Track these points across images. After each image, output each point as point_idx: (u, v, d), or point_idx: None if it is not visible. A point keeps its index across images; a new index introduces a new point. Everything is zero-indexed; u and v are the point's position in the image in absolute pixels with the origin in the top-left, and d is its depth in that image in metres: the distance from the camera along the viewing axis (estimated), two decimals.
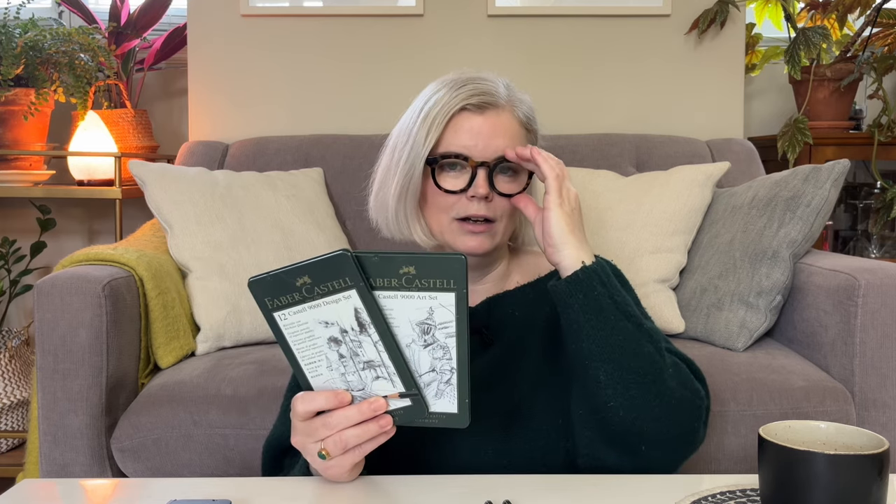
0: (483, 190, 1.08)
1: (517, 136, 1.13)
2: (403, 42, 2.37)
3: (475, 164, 1.09)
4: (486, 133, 1.10)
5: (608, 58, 2.37)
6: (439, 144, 1.11)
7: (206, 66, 2.36)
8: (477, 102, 1.11)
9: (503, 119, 1.12)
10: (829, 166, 1.66)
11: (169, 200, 1.79)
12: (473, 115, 1.11)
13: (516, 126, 1.13)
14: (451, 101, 1.10)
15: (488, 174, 1.09)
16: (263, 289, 0.82)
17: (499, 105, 1.12)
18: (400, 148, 1.14)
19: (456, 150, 1.10)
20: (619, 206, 1.87)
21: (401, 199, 1.14)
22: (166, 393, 1.49)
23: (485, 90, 1.12)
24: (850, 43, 2.40)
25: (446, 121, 1.10)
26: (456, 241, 1.11)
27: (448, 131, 1.11)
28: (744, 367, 1.54)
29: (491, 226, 1.11)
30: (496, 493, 0.88)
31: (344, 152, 2.15)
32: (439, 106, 1.11)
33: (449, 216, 1.11)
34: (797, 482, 0.75)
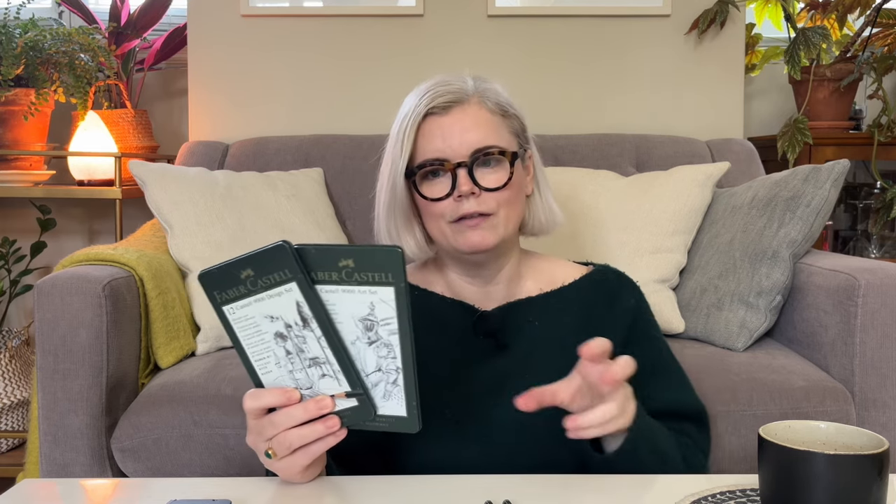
0: (466, 187, 1.08)
1: (490, 125, 1.12)
2: (403, 42, 2.37)
3: (452, 167, 1.09)
4: (455, 131, 1.10)
5: (608, 58, 2.37)
6: (415, 155, 1.11)
7: (206, 66, 2.37)
8: (441, 104, 1.10)
9: (470, 113, 1.11)
10: (829, 166, 1.66)
11: (169, 200, 1.79)
12: (440, 117, 1.11)
13: (486, 115, 1.12)
14: (415, 109, 1.11)
15: (468, 171, 1.09)
16: (212, 282, 0.80)
17: (464, 100, 1.12)
18: (384, 167, 1.15)
19: (431, 157, 1.10)
20: (619, 206, 1.87)
21: (389, 216, 1.15)
22: (166, 393, 1.49)
23: (447, 90, 1.11)
24: (850, 43, 2.40)
25: (415, 130, 1.10)
26: (459, 242, 1.11)
27: (420, 140, 1.11)
28: (744, 367, 1.54)
29: (488, 218, 1.11)
30: (496, 493, 0.88)
31: (344, 152, 2.15)
32: (408, 117, 1.11)
33: (445, 221, 1.11)
34: (797, 482, 0.75)
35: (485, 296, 1.18)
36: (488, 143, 1.11)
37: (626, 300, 1.19)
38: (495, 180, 1.10)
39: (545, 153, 2.13)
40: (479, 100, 1.13)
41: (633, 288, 1.23)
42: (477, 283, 1.19)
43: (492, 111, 1.13)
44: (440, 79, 1.14)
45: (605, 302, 1.18)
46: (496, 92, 1.15)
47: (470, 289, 1.19)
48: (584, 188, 1.92)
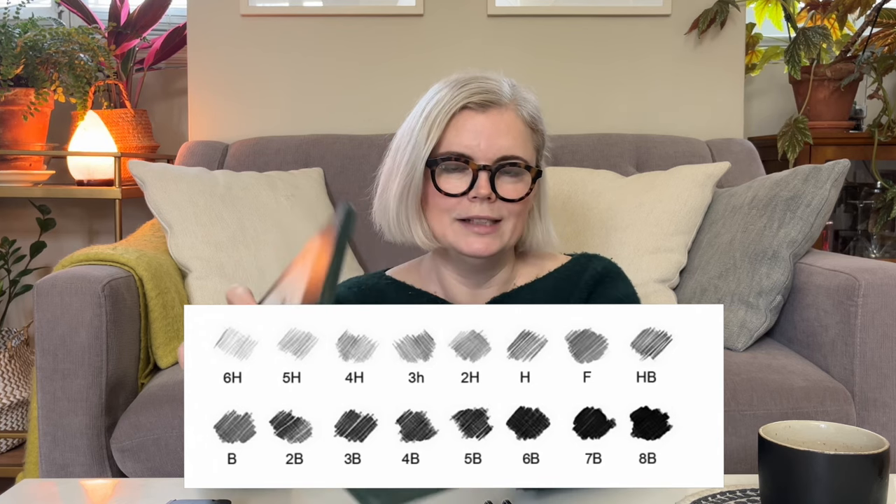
0: (485, 191, 1.07)
1: (521, 136, 1.11)
2: (403, 42, 2.37)
3: (476, 168, 1.08)
4: (488, 132, 1.08)
5: (608, 58, 2.37)
6: (441, 145, 1.09)
7: (206, 66, 2.36)
8: (479, 101, 1.09)
9: (506, 118, 1.10)
10: (829, 166, 1.66)
11: (169, 200, 1.79)
12: (475, 114, 1.09)
13: (521, 125, 1.11)
14: (452, 99, 1.09)
15: (490, 177, 1.08)
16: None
17: (502, 104, 1.10)
18: (402, 149, 1.12)
19: (458, 151, 1.08)
20: (619, 206, 1.87)
21: (402, 201, 1.13)
22: (166, 393, 1.49)
23: (488, 88, 1.10)
24: (850, 43, 2.40)
25: (447, 120, 1.08)
26: (460, 243, 1.10)
27: (450, 131, 1.09)
28: (744, 367, 1.54)
29: (496, 226, 1.10)
30: (496, 493, 0.88)
31: (344, 152, 2.15)
32: (441, 105, 1.09)
33: (451, 217, 1.09)
34: (797, 482, 0.75)
35: (476, 298, 1.18)
36: (516, 154, 1.09)
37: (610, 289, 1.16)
38: (514, 191, 1.09)
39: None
40: (516, 107, 1.11)
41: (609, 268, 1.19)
42: (470, 284, 1.18)
43: (525, 122, 1.12)
44: (479, 74, 1.12)
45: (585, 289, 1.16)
46: (531, 102, 1.14)
47: (463, 290, 1.19)
48: (584, 188, 1.92)
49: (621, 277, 1.19)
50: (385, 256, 1.76)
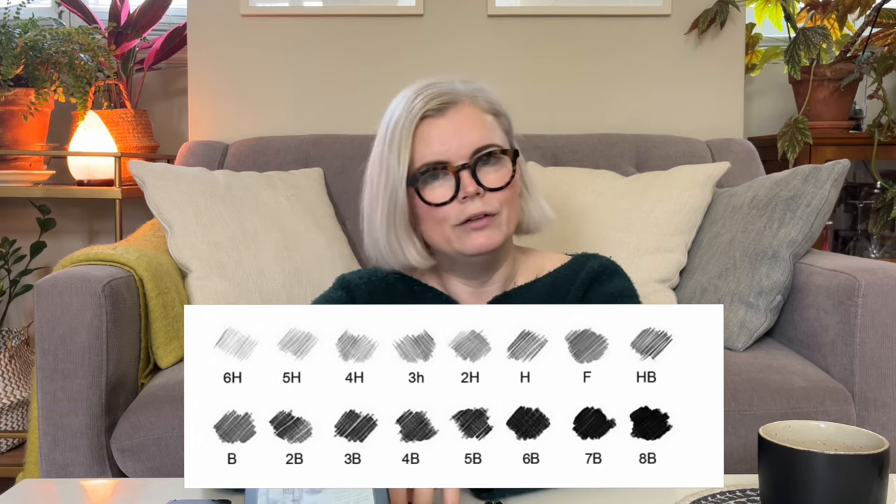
0: (472, 188, 1.07)
1: (487, 125, 1.11)
2: (403, 42, 2.37)
3: (455, 169, 1.08)
4: (454, 132, 1.09)
5: (608, 58, 2.37)
6: (414, 161, 1.10)
7: (206, 66, 2.36)
8: (436, 106, 1.09)
9: (466, 113, 1.11)
10: (829, 166, 1.66)
11: (169, 200, 1.79)
12: (437, 120, 1.09)
13: (482, 115, 1.12)
14: (409, 114, 1.09)
15: (471, 173, 1.09)
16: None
17: (458, 101, 1.11)
18: (377, 178, 1.13)
19: (432, 160, 1.09)
20: (619, 206, 1.87)
21: (390, 227, 1.13)
22: (166, 393, 1.49)
23: (439, 91, 1.10)
24: (850, 43, 2.40)
25: (412, 135, 1.09)
26: (465, 245, 1.10)
27: (417, 144, 1.09)
28: (744, 367, 1.54)
29: (493, 218, 1.10)
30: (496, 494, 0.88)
31: (344, 152, 2.15)
32: (401, 123, 1.09)
33: (449, 225, 1.10)
34: (797, 482, 0.75)
35: (479, 297, 1.18)
36: (488, 143, 1.10)
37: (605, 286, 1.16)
38: (498, 179, 1.10)
39: (545, 153, 2.15)
40: (472, 99, 1.12)
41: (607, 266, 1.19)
42: (473, 284, 1.18)
43: (485, 110, 1.13)
44: (429, 81, 1.13)
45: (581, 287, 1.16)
46: (486, 91, 1.14)
47: (465, 290, 1.19)
48: (584, 188, 1.92)
49: (618, 273, 1.19)
50: None
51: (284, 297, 1.76)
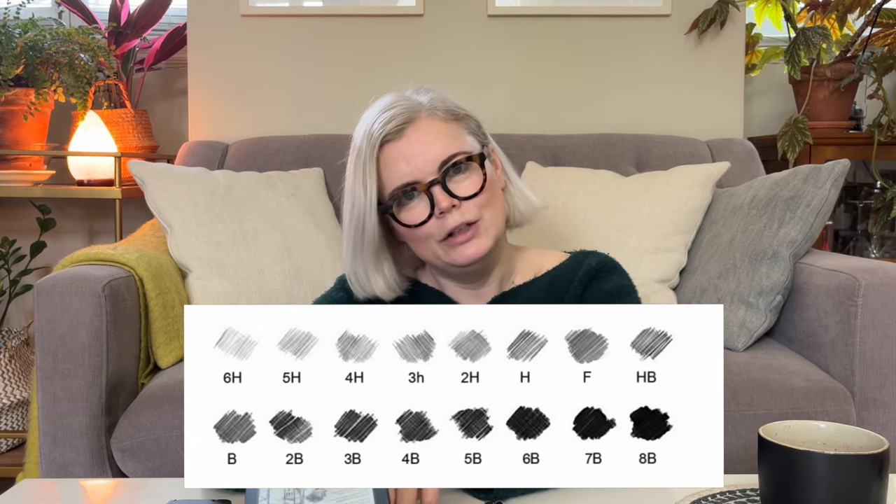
0: (445, 203, 1.07)
1: (448, 134, 1.11)
2: (403, 42, 2.37)
3: (426, 187, 1.08)
4: (416, 151, 1.08)
5: (608, 58, 2.37)
6: (383, 187, 1.10)
7: (206, 66, 2.36)
8: (393, 129, 1.09)
9: (424, 128, 1.10)
10: (829, 166, 1.66)
11: (169, 200, 1.79)
12: (397, 143, 1.09)
13: (441, 125, 1.11)
14: (369, 142, 1.09)
15: (442, 187, 1.08)
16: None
17: (415, 118, 1.10)
18: (349, 210, 1.13)
19: (400, 183, 1.08)
20: (619, 206, 1.87)
21: (356, 255, 1.13)
22: (166, 393, 1.49)
23: (395, 113, 1.09)
24: (850, 43, 2.40)
25: (375, 162, 1.09)
26: (454, 258, 1.10)
27: (383, 171, 1.09)
28: (744, 367, 1.54)
29: (476, 226, 1.10)
30: (495, 493, 0.88)
31: (344, 152, 2.12)
32: (362, 154, 1.09)
33: (434, 241, 1.10)
34: (797, 482, 0.75)
35: (477, 297, 1.19)
36: (452, 152, 1.09)
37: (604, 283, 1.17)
38: (471, 186, 1.09)
39: (545, 153, 2.15)
40: (429, 111, 1.11)
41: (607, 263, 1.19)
42: (470, 287, 1.19)
43: (444, 119, 1.12)
44: (384, 103, 1.12)
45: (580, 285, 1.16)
46: (442, 98, 1.13)
47: (464, 292, 1.19)
48: (584, 188, 1.92)
49: (617, 270, 1.19)
50: None
51: (284, 297, 1.76)
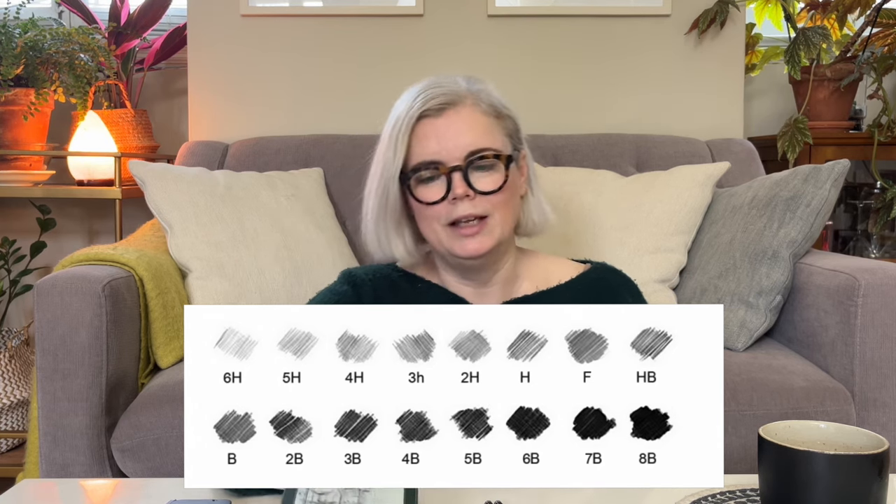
0: (461, 190, 1.08)
1: (485, 128, 1.12)
2: (403, 42, 2.37)
3: (447, 170, 1.09)
4: (450, 133, 1.09)
5: (608, 58, 2.37)
6: (410, 159, 1.11)
7: (206, 66, 2.36)
8: (434, 106, 1.10)
9: (464, 115, 1.11)
10: (829, 166, 1.66)
11: (169, 200, 1.79)
12: (434, 120, 1.10)
13: (482, 117, 1.12)
14: (409, 112, 1.10)
15: (463, 175, 1.09)
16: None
17: (458, 103, 1.11)
18: (374, 172, 1.16)
19: (426, 159, 1.09)
20: (619, 206, 1.87)
21: (379, 220, 1.15)
22: (166, 393, 1.49)
23: (440, 92, 1.11)
24: (850, 43, 2.40)
25: (409, 133, 1.10)
26: (455, 248, 1.11)
27: (414, 143, 1.11)
28: (744, 367, 1.54)
29: (484, 223, 1.10)
30: (494, 494, 0.88)
31: (344, 152, 2.15)
32: (400, 122, 1.11)
33: (440, 224, 1.11)
34: (797, 482, 0.75)
35: (480, 297, 1.18)
36: (483, 146, 1.10)
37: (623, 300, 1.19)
38: (490, 183, 1.10)
39: (545, 153, 2.15)
40: (474, 101, 1.12)
41: (631, 287, 1.22)
42: (472, 285, 1.19)
43: (486, 113, 1.13)
44: (432, 80, 1.13)
45: (603, 301, 1.18)
46: (489, 93, 1.15)
47: (468, 290, 1.19)
48: (584, 188, 1.92)
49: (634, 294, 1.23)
50: None
51: (284, 297, 1.76)
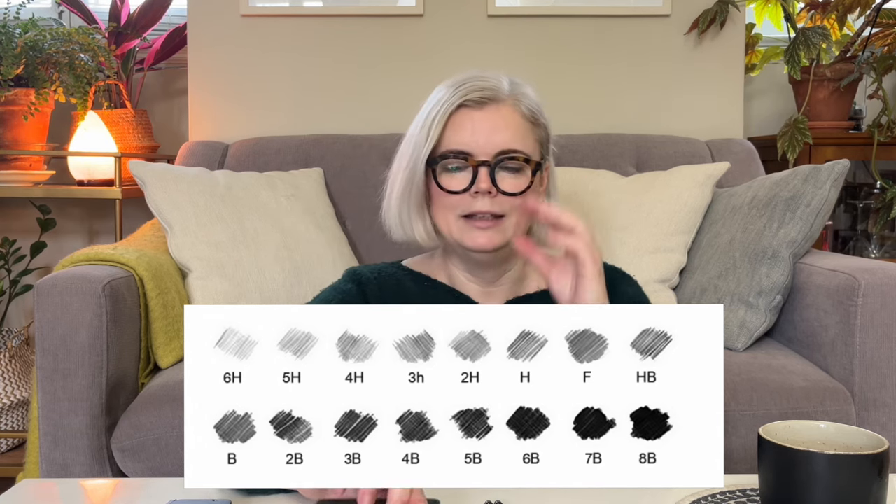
0: (485, 185, 1.08)
1: (520, 130, 1.12)
2: (403, 42, 2.37)
3: (476, 163, 1.09)
4: (486, 128, 1.10)
5: (608, 58, 2.37)
6: (441, 144, 1.11)
7: (206, 66, 2.36)
8: (476, 98, 1.10)
9: (504, 113, 1.11)
10: (829, 166, 1.66)
11: (169, 200, 1.79)
12: (473, 111, 1.11)
13: (519, 119, 1.12)
14: (449, 99, 1.11)
15: (490, 172, 1.09)
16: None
17: (499, 99, 1.12)
18: (404, 151, 1.15)
19: (457, 148, 1.10)
20: (619, 206, 1.87)
21: (403, 200, 1.15)
22: (166, 393, 1.49)
23: (484, 85, 1.11)
24: (849, 43, 2.40)
25: (445, 119, 1.10)
26: (464, 239, 1.11)
27: (448, 130, 1.11)
28: (744, 367, 1.54)
29: (499, 221, 1.11)
30: (494, 494, 0.88)
31: (344, 152, 2.15)
32: (439, 106, 1.11)
33: (455, 214, 1.11)
34: (797, 482, 0.75)
35: (487, 297, 1.19)
36: (515, 147, 1.10)
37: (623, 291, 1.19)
38: (514, 185, 1.10)
39: None
40: (514, 102, 1.13)
41: (630, 281, 1.23)
42: (480, 282, 1.19)
43: (524, 116, 1.13)
44: (477, 73, 1.14)
45: None
46: (530, 97, 1.15)
47: (475, 288, 1.19)
48: (584, 188, 1.92)
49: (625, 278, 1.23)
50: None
51: (284, 297, 1.76)
